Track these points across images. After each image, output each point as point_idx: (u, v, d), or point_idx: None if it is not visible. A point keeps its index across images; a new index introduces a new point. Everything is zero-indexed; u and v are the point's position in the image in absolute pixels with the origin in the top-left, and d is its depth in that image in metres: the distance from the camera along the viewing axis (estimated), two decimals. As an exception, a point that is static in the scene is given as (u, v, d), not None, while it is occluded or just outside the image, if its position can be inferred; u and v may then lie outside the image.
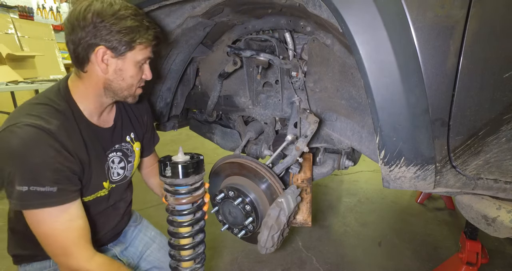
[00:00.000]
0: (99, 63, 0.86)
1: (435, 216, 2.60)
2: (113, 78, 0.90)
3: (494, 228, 0.87)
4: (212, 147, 2.12)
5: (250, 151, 1.48)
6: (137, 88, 0.97)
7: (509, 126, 0.76)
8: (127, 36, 0.84)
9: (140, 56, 0.90)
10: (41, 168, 0.79)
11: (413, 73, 0.70)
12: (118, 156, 1.07)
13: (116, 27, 0.82)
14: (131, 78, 0.92)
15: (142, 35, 0.86)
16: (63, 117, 0.87)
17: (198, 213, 0.98)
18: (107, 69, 0.87)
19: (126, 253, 1.20)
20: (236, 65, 1.26)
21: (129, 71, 0.90)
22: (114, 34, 0.83)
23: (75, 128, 0.90)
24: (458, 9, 0.66)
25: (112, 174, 1.05)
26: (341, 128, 1.20)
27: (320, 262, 1.99)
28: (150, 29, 0.89)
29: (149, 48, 0.92)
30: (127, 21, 0.83)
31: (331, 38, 1.10)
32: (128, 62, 0.89)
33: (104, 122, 1.02)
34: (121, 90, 0.93)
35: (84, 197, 0.96)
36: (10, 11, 5.60)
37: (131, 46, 0.86)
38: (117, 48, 0.85)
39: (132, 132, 1.13)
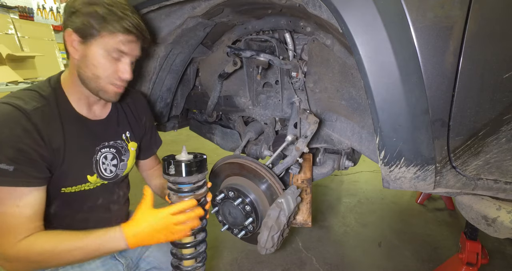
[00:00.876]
0: (69, 46, 0.87)
1: (435, 216, 2.60)
2: (80, 65, 0.89)
3: (494, 229, 0.87)
4: (212, 147, 2.12)
5: (250, 151, 1.48)
6: (108, 84, 0.92)
7: (509, 126, 0.76)
8: (93, 21, 0.83)
9: (107, 45, 0.86)
10: (3, 144, 0.78)
11: (413, 74, 0.70)
12: (111, 153, 1.05)
13: (84, 10, 0.83)
14: (96, 68, 0.88)
15: (111, 24, 0.84)
16: (44, 102, 0.87)
17: None
18: (76, 54, 0.88)
19: (125, 254, 1.18)
20: (236, 66, 1.26)
21: (94, 59, 0.87)
22: (80, 17, 0.83)
23: (55, 115, 0.88)
24: (457, 10, 0.66)
25: (104, 170, 1.03)
26: (341, 128, 1.20)
27: (320, 263, 1.99)
28: (124, 20, 0.85)
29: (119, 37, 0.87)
30: (97, 7, 0.83)
31: (331, 38, 1.10)
32: (93, 49, 0.86)
33: (95, 116, 1.01)
34: (88, 80, 0.90)
35: (63, 187, 0.94)
36: (10, 12, 5.61)
37: (97, 32, 0.85)
38: (82, 32, 0.85)
39: (128, 131, 1.11)
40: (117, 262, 1.11)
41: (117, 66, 0.91)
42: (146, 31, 0.93)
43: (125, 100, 1.12)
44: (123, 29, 0.86)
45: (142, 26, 0.91)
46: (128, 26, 0.86)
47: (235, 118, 1.64)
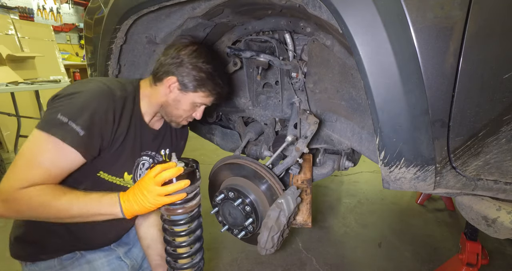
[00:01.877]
0: (166, 87, 1.04)
1: (435, 217, 2.60)
2: (170, 103, 1.06)
3: (494, 229, 0.87)
4: (212, 148, 2.12)
5: (250, 152, 1.48)
6: (184, 120, 1.13)
7: (509, 127, 0.76)
8: (197, 82, 1.03)
9: (198, 100, 1.07)
10: (89, 113, 0.87)
11: (413, 74, 0.70)
12: (148, 162, 1.15)
13: (193, 72, 1.02)
14: (183, 111, 1.08)
15: (208, 88, 1.05)
16: (126, 95, 1.01)
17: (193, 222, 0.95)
18: (170, 95, 1.05)
19: (130, 254, 1.20)
20: (236, 66, 1.26)
21: (184, 105, 1.07)
22: (189, 76, 1.02)
23: (129, 108, 1.02)
24: (457, 10, 0.66)
25: (139, 175, 1.11)
26: (341, 129, 1.20)
27: (320, 263, 1.99)
28: (218, 86, 1.07)
29: (209, 98, 1.09)
30: (204, 72, 1.03)
31: (331, 39, 1.10)
32: (187, 98, 1.05)
33: (152, 125, 1.14)
34: (171, 115, 1.09)
35: (103, 172, 1.02)
36: (10, 12, 5.61)
37: (195, 90, 1.04)
38: (185, 85, 1.03)
39: (168, 149, 1.22)
40: (123, 263, 1.13)
41: (196, 110, 1.12)
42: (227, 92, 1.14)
43: None
44: (215, 93, 1.08)
45: (226, 89, 1.12)
46: (219, 91, 1.09)
47: (235, 119, 1.64)
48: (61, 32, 6.78)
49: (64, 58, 5.70)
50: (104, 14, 1.23)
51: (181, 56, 1.02)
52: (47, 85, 3.38)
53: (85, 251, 1.08)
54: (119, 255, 1.16)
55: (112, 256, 1.12)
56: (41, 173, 0.84)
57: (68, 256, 1.05)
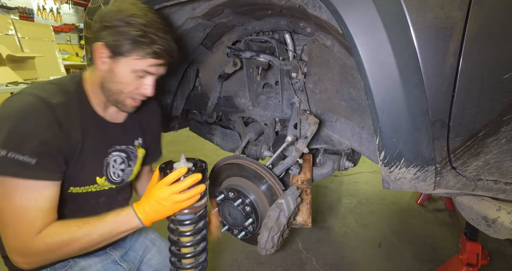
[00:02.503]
0: (97, 58, 0.89)
1: (435, 217, 2.60)
2: (106, 77, 0.91)
3: (494, 229, 0.87)
4: (212, 148, 2.12)
5: (250, 152, 1.48)
6: (128, 98, 0.94)
7: (509, 127, 0.76)
8: (126, 41, 0.84)
9: (136, 66, 0.88)
10: (27, 136, 0.77)
11: (413, 74, 0.70)
12: (121, 157, 1.06)
13: (118, 29, 0.84)
14: (122, 84, 0.90)
15: (142, 48, 0.86)
16: (67, 97, 0.88)
17: (200, 222, 0.95)
18: (103, 66, 0.89)
19: (126, 258, 1.17)
20: (236, 66, 1.26)
21: (120, 76, 0.89)
22: (114, 35, 0.84)
23: (76, 111, 0.89)
24: (457, 10, 0.66)
25: (113, 173, 1.03)
26: (341, 129, 1.20)
27: (320, 263, 1.98)
28: (156, 44, 0.86)
29: (150, 61, 0.89)
30: (131, 28, 0.84)
31: (331, 39, 1.11)
32: (121, 67, 0.88)
33: (111, 118, 1.02)
34: (111, 92, 0.92)
35: (73, 187, 0.94)
36: (10, 12, 5.62)
37: (128, 53, 0.86)
38: (114, 49, 0.86)
39: (140, 138, 1.13)
40: (120, 267, 1.10)
41: (141, 83, 0.93)
42: (175, 51, 0.94)
43: (142, 108, 1.11)
44: (153, 54, 0.87)
45: (173, 48, 0.92)
46: (158, 50, 0.87)
47: (235, 119, 1.64)
48: (61, 33, 6.79)
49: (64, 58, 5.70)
50: (104, 14, 1.23)
51: (107, 16, 0.86)
52: (47, 85, 3.38)
53: (79, 258, 1.03)
54: (115, 259, 1.12)
55: (108, 261, 1.08)
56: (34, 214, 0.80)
57: (61, 265, 1.00)
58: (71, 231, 0.82)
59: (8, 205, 0.79)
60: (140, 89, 0.94)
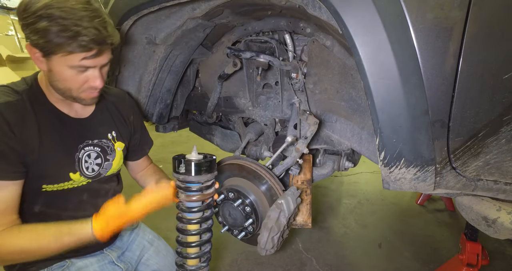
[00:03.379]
0: (33, 58, 0.83)
1: (435, 217, 2.60)
2: (49, 77, 0.86)
3: (495, 229, 0.87)
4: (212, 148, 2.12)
5: (250, 152, 1.48)
6: (82, 93, 0.90)
7: (509, 127, 0.76)
8: (48, 40, 0.76)
9: (69, 63, 0.81)
10: None
11: (412, 75, 0.70)
12: (95, 151, 1.04)
13: (36, 27, 0.75)
14: (66, 82, 0.85)
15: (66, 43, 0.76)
16: (18, 97, 0.86)
17: (207, 211, 0.99)
18: (43, 66, 0.84)
19: (123, 258, 1.17)
20: (236, 67, 1.26)
21: (60, 74, 0.83)
22: (35, 34, 0.76)
23: (28, 110, 0.87)
24: (457, 11, 0.66)
25: (86, 168, 1.02)
26: (341, 129, 1.20)
27: (320, 264, 1.98)
28: (79, 36, 0.76)
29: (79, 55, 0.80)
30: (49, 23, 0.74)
31: (331, 39, 1.11)
32: (55, 65, 0.82)
33: (77, 114, 1.00)
34: (60, 91, 0.88)
35: (45, 185, 0.93)
36: (10, 13, 5.62)
37: (53, 51, 0.78)
38: (41, 49, 0.79)
39: (113, 131, 1.10)
40: (116, 267, 1.10)
41: (86, 76, 0.87)
42: (109, 36, 0.84)
43: (110, 100, 1.11)
44: (80, 47, 0.78)
45: (103, 35, 0.81)
46: (85, 42, 0.78)
47: (235, 119, 1.64)
48: (61, 33, 6.79)
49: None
50: (104, 15, 1.23)
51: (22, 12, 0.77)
52: (47, 86, 3.38)
53: (76, 258, 1.04)
54: (112, 259, 1.12)
55: (104, 261, 1.09)
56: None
57: (58, 265, 1.00)
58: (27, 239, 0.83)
59: None
60: (89, 82, 0.88)
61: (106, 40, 0.83)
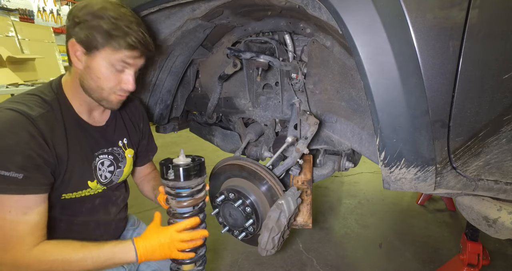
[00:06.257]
0: (72, 56, 0.87)
1: (435, 217, 2.60)
2: (84, 75, 0.89)
3: (495, 229, 0.87)
4: (212, 149, 2.12)
5: (250, 153, 1.48)
6: (112, 94, 0.93)
7: (509, 127, 0.76)
8: (97, 35, 0.83)
9: (112, 60, 0.86)
10: (11, 151, 0.76)
11: (412, 75, 0.70)
12: (108, 159, 1.06)
13: (89, 23, 0.82)
14: (100, 80, 0.88)
15: (115, 40, 0.84)
16: (48, 107, 0.87)
17: (199, 215, 0.98)
18: (79, 64, 0.87)
19: None
20: (236, 67, 1.26)
21: (98, 71, 0.87)
22: (84, 30, 0.82)
23: (59, 120, 0.88)
24: (457, 11, 0.66)
25: (100, 176, 1.03)
26: (341, 130, 1.20)
27: (321, 264, 1.98)
28: (129, 36, 0.85)
29: (126, 53, 0.87)
30: (102, 21, 0.82)
31: (331, 40, 1.11)
32: (97, 62, 0.86)
33: (94, 121, 1.01)
34: (92, 90, 0.91)
35: (64, 194, 0.94)
36: (10, 14, 5.63)
37: (102, 46, 0.84)
38: (86, 44, 0.84)
39: (125, 138, 1.12)
40: (120, 267, 1.11)
41: (121, 77, 0.91)
42: (151, 44, 0.92)
43: (123, 107, 1.12)
44: (127, 45, 0.85)
45: (147, 40, 0.90)
46: (132, 42, 0.86)
47: (235, 120, 1.64)
48: (61, 34, 6.79)
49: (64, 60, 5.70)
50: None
51: (76, 12, 0.83)
52: (47, 87, 3.38)
53: None
54: None
55: None
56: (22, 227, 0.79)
57: None
58: (66, 253, 0.83)
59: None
60: (121, 84, 0.92)
61: (149, 46, 0.91)
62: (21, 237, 0.80)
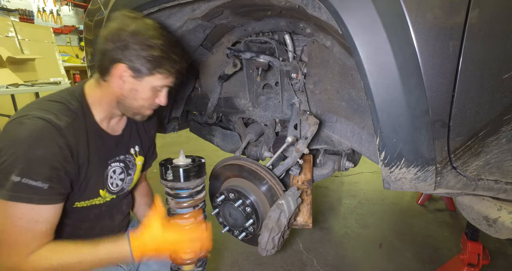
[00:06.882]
0: (117, 78, 0.89)
1: (435, 217, 2.60)
2: (127, 95, 0.93)
3: (495, 229, 0.87)
4: (212, 149, 2.12)
5: (250, 153, 1.48)
6: (148, 110, 1.00)
7: (509, 127, 0.76)
8: (150, 63, 0.88)
9: (157, 83, 0.93)
10: (40, 162, 0.78)
11: (412, 75, 0.70)
12: (120, 167, 1.06)
13: (143, 52, 0.86)
14: (143, 100, 0.95)
15: (165, 66, 0.90)
16: (74, 116, 0.88)
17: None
18: (123, 86, 0.91)
19: None
20: (236, 67, 1.26)
21: (143, 93, 0.93)
22: (139, 58, 0.87)
23: (82, 130, 0.90)
24: (457, 10, 0.66)
25: (111, 184, 1.03)
26: (341, 130, 1.20)
27: (321, 264, 1.98)
28: (176, 63, 0.93)
29: (169, 79, 0.95)
30: (155, 50, 0.87)
31: (331, 40, 1.11)
32: (144, 85, 0.91)
33: (112, 130, 1.03)
34: (132, 108, 0.96)
35: (77, 202, 0.94)
36: (10, 14, 5.63)
37: (151, 72, 0.90)
38: (138, 70, 0.88)
39: (137, 146, 1.13)
40: (119, 268, 1.11)
41: (159, 95, 0.98)
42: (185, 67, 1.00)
43: None
44: (175, 71, 0.94)
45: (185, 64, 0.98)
46: (179, 68, 0.95)
47: (235, 120, 1.64)
48: (61, 34, 6.80)
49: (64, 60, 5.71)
50: (104, 16, 1.23)
51: (124, 37, 0.86)
52: (47, 87, 3.39)
53: None
54: None
55: None
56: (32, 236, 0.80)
57: None
58: (62, 257, 0.83)
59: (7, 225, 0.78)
60: (156, 100, 0.98)
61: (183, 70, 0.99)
62: (25, 244, 0.80)
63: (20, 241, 0.79)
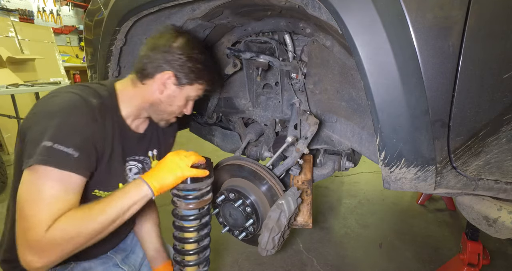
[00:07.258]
0: (159, 84, 0.96)
1: (435, 217, 2.60)
2: (164, 100, 0.99)
3: (495, 229, 0.87)
4: (212, 149, 2.12)
5: (250, 153, 1.48)
6: (174, 117, 1.08)
7: (509, 127, 0.76)
8: (193, 74, 0.97)
9: (193, 93, 1.02)
10: (73, 130, 0.80)
11: (412, 75, 0.70)
12: (137, 167, 1.08)
13: (189, 63, 0.96)
14: (177, 107, 1.03)
15: (204, 78, 1.01)
16: (102, 100, 0.92)
17: (205, 218, 0.97)
18: (164, 91, 0.98)
19: (128, 261, 1.17)
20: (236, 67, 1.26)
21: (179, 100, 1.01)
22: (184, 68, 0.96)
23: (109, 115, 0.93)
24: (457, 10, 0.66)
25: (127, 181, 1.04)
26: (341, 129, 1.20)
27: (321, 264, 1.98)
28: (212, 75, 1.04)
29: (202, 90, 1.04)
30: (199, 63, 0.98)
31: (331, 39, 1.11)
32: (182, 93, 1.00)
33: (136, 128, 1.06)
34: (163, 112, 1.03)
35: (98, 190, 0.94)
36: (10, 15, 5.63)
37: (192, 82, 0.99)
38: (181, 79, 0.97)
39: (155, 149, 1.15)
40: (120, 270, 1.11)
41: (187, 104, 1.06)
42: None
43: None
44: (210, 83, 1.05)
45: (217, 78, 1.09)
46: (213, 80, 1.06)
47: (235, 120, 1.64)
48: (61, 34, 6.79)
49: (64, 60, 5.71)
50: (104, 16, 1.23)
51: (173, 48, 0.95)
52: (48, 87, 3.38)
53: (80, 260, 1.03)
54: (117, 262, 1.13)
55: (109, 264, 1.09)
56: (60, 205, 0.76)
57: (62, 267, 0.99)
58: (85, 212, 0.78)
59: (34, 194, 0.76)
60: (183, 110, 1.07)
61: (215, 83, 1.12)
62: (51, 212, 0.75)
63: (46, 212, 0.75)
